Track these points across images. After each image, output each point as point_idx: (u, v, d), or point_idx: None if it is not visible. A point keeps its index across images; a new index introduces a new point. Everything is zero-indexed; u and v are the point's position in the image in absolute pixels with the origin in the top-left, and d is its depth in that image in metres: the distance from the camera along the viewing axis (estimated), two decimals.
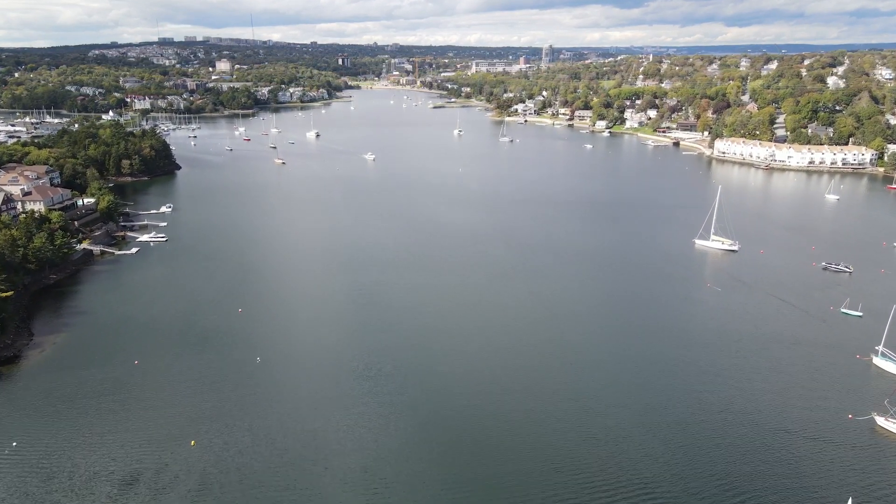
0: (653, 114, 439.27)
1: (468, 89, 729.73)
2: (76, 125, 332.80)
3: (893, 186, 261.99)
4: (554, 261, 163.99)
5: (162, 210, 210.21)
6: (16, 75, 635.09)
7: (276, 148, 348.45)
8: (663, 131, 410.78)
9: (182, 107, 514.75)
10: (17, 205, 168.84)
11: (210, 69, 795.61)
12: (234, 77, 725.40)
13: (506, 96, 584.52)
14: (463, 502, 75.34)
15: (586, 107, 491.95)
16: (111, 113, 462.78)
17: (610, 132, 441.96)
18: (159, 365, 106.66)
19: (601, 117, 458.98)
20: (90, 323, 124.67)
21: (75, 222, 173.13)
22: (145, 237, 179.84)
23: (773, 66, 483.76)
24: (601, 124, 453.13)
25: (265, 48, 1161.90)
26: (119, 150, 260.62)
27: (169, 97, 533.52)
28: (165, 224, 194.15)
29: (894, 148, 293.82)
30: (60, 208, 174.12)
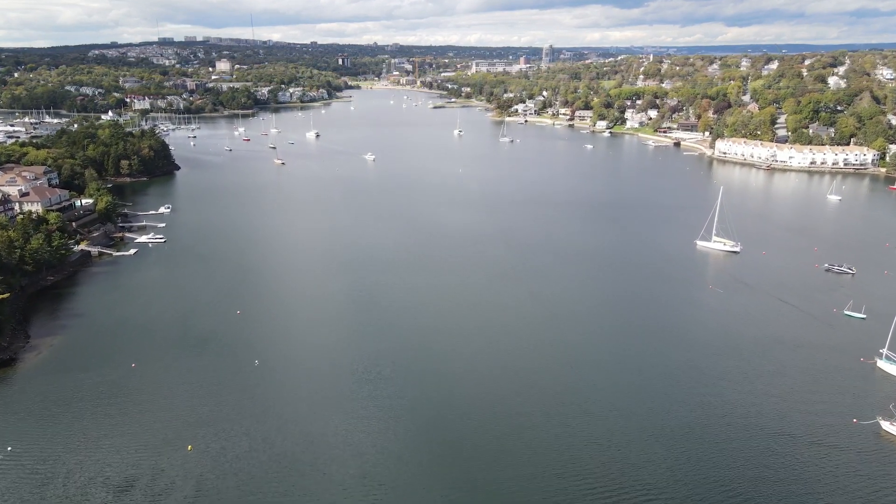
0: (653, 114, 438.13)
1: (468, 89, 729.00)
2: (75, 125, 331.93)
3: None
4: (554, 261, 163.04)
5: (161, 211, 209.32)
6: (15, 75, 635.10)
7: (275, 148, 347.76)
8: (664, 131, 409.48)
9: (182, 107, 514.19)
10: (15, 206, 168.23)
11: (210, 69, 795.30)
12: (234, 77, 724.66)
13: (506, 96, 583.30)
14: None
15: (587, 107, 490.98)
16: (111, 113, 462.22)
17: (610, 132, 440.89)
18: (156, 368, 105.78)
19: (602, 117, 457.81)
20: (87, 325, 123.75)
21: (73, 223, 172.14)
22: (144, 238, 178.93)
23: (774, 66, 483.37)
24: (602, 124, 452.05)
25: (265, 48, 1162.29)
26: (118, 150, 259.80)
27: (168, 97, 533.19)
28: (164, 225, 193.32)
29: None
30: (58, 209, 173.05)
